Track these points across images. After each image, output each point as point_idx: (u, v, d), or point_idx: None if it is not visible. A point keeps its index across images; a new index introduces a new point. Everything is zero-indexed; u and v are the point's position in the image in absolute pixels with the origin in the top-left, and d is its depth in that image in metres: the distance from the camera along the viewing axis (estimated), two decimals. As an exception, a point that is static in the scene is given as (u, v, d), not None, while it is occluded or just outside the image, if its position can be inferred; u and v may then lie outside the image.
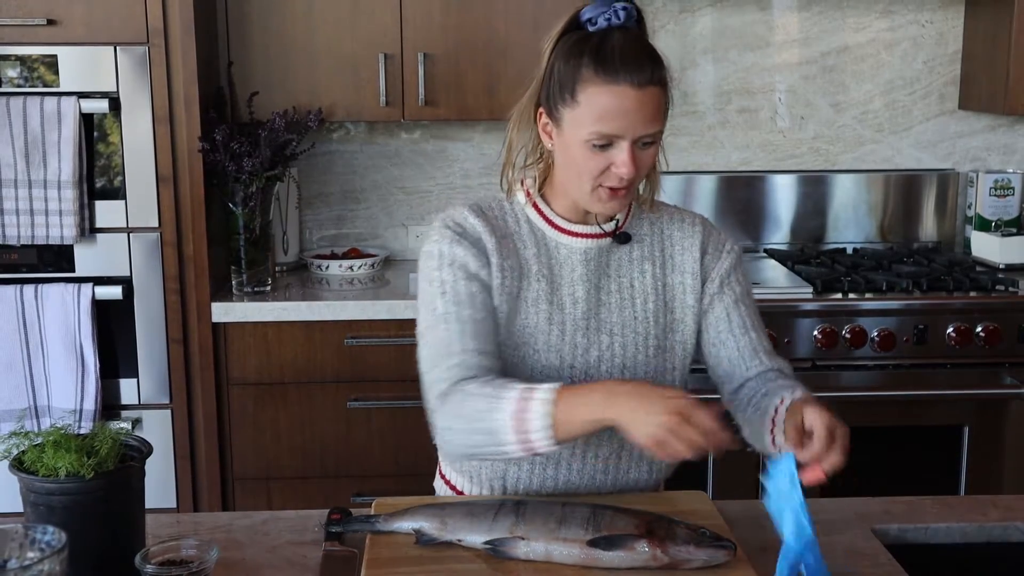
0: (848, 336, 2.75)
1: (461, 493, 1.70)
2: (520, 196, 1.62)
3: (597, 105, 1.45)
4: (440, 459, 1.76)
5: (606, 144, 1.47)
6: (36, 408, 2.69)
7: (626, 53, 1.45)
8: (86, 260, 2.71)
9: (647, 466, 1.63)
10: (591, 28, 1.49)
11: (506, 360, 1.56)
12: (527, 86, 1.58)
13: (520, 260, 1.57)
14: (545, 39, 1.54)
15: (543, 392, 1.40)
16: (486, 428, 1.42)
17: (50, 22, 2.62)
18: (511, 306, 1.56)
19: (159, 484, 2.71)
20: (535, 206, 1.60)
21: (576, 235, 1.59)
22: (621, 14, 1.48)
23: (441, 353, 1.51)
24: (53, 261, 2.70)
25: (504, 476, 1.62)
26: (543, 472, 1.61)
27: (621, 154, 1.46)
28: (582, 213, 1.59)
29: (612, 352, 1.58)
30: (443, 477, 1.74)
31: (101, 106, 2.63)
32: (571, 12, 1.52)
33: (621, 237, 1.60)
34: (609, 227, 1.60)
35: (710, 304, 1.63)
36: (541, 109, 1.54)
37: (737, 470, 2.80)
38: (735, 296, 1.64)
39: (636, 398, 1.36)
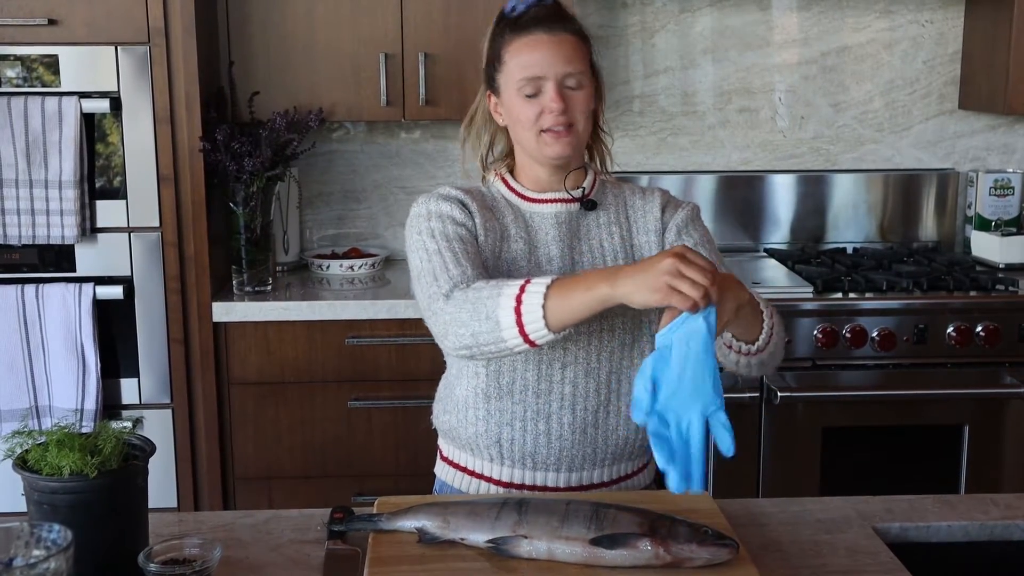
0: (848, 336, 2.75)
1: (464, 469, 1.73)
2: (491, 177, 1.77)
3: (519, 57, 1.65)
4: (440, 443, 1.81)
5: (535, 91, 1.63)
6: (37, 408, 2.69)
7: (538, 15, 1.66)
8: (87, 260, 2.71)
9: (635, 424, 1.68)
10: (513, 16, 1.68)
11: None
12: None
13: (500, 225, 1.69)
14: (481, 41, 1.74)
15: (541, 277, 1.49)
16: (488, 315, 1.49)
17: (51, 22, 2.62)
18: (493, 264, 1.65)
19: (160, 484, 2.71)
20: (506, 183, 1.74)
21: (546, 201, 1.72)
22: None
23: (439, 275, 1.58)
24: (54, 261, 2.70)
25: (499, 440, 1.68)
26: (535, 428, 1.66)
27: (548, 94, 1.63)
28: (545, 182, 1.72)
29: None
30: (444, 459, 1.79)
31: (102, 106, 2.64)
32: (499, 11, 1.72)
33: (588, 204, 1.72)
34: (576, 193, 1.72)
35: (671, 246, 1.70)
36: (488, 92, 1.73)
37: (738, 469, 2.80)
38: (693, 242, 1.72)
39: (634, 268, 1.42)
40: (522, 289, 1.47)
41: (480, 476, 1.72)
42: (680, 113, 3.31)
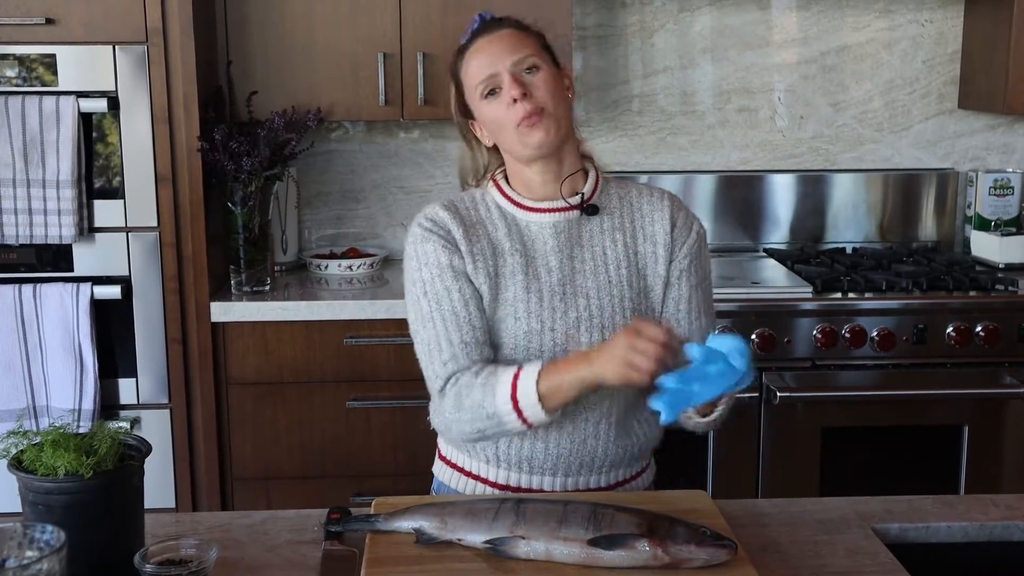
0: (848, 336, 2.74)
1: (462, 469, 1.74)
2: (488, 184, 1.74)
3: (471, 68, 1.68)
4: (439, 442, 1.82)
5: (494, 89, 1.65)
6: (35, 408, 2.69)
7: (479, 30, 1.71)
8: (85, 260, 2.70)
9: (635, 432, 1.72)
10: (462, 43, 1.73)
11: (494, 331, 1.66)
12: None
13: (492, 241, 1.68)
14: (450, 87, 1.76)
15: (528, 371, 1.56)
16: (487, 414, 1.58)
17: (49, 21, 2.62)
18: (492, 283, 1.65)
19: (158, 484, 2.71)
20: (501, 191, 1.72)
21: (543, 211, 1.69)
22: (477, 20, 1.73)
23: (433, 351, 1.65)
24: (52, 261, 2.70)
25: (496, 445, 1.68)
26: (534, 434, 1.67)
27: (507, 85, 1.63)
28: (538, 187, 1.69)
29: (590, 313, 1.66)
30: (443, 459, 1.79)
31: (100, 105, 2.63)
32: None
33: (589, 209, 1.70)
34: (575, 200, 1.69)
35: (677, 279, 1.71)
36: (470, 122, 1.74)
37: (738, 469, 2.80)
38: (698, 279, 1.73)
39: (605, 346, 1.52)
40: (514, 386, 1.55)
41: (477, 477, 1.71)
42: (679, 113, 3.30)
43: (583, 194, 1.70)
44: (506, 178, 1.73)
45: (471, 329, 1.63)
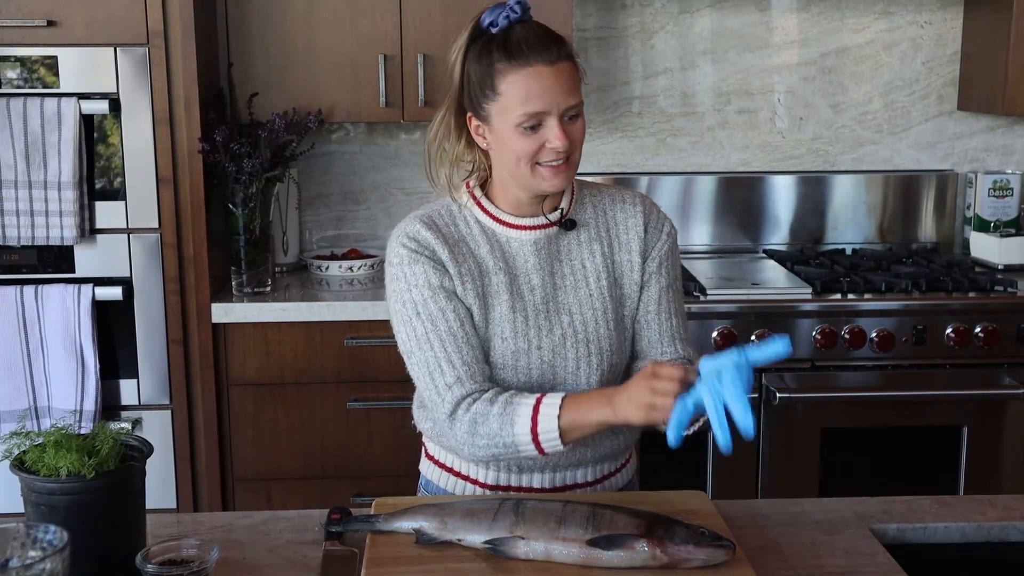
0: (847, 337, 2.75)
1: (450, 469, 1.74)
2: (465, 198, 1.69)
3: (518, 90, 1.56)
4: (424, 441, 1.82)
5: (536, 124, 1.56)
6: (36, 409, 2.69)
7: (530, 39, 1.57)
8: (86, 261, 2.71)
9: (623, 430, 1.71)
10: (493, 30, 1.60)
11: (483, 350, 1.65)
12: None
13: (477, 260, 1.65)
14: (451, 51, 1.65)
15: (549, 403, 1.53)
16: (504, 443, 1.55)
17: (50, 23, 2.63)
18: (481, 303, 1.63)
19: (159, 485, 2.71)
20: (480, 206, 1.68)
21: (524, 228, 1.67)
22: (517, 9, 1.59)
23: (434, 373, 1.60)
24: (53, 262, 2.71)
25: None
26: None
27: (552, 129, 1.56)
28: (525, 206, 1.66)
29: (574, 329, 1.66)
30: (430, 458, 1.79)
31: (101, 107, 2.64)
32: (472, 22, 1.64)
33: (567, 224, 1.68)
34: (555, 216, 1.67)
35: (647, 281, 1.71)
36: (469, 115, 1.64)
37: (738, 470, 2.80)
38: (668, 280, 1.73)
39: (624, 390, 1.50)
40: (534, 420, 1.52)
41: (466, 478, 1.72)
42: (679, 114, 3.31)
43: (562, 209, 1.68)
44: (482, 189, 1.69)
45: (470, 349, 1.60)
